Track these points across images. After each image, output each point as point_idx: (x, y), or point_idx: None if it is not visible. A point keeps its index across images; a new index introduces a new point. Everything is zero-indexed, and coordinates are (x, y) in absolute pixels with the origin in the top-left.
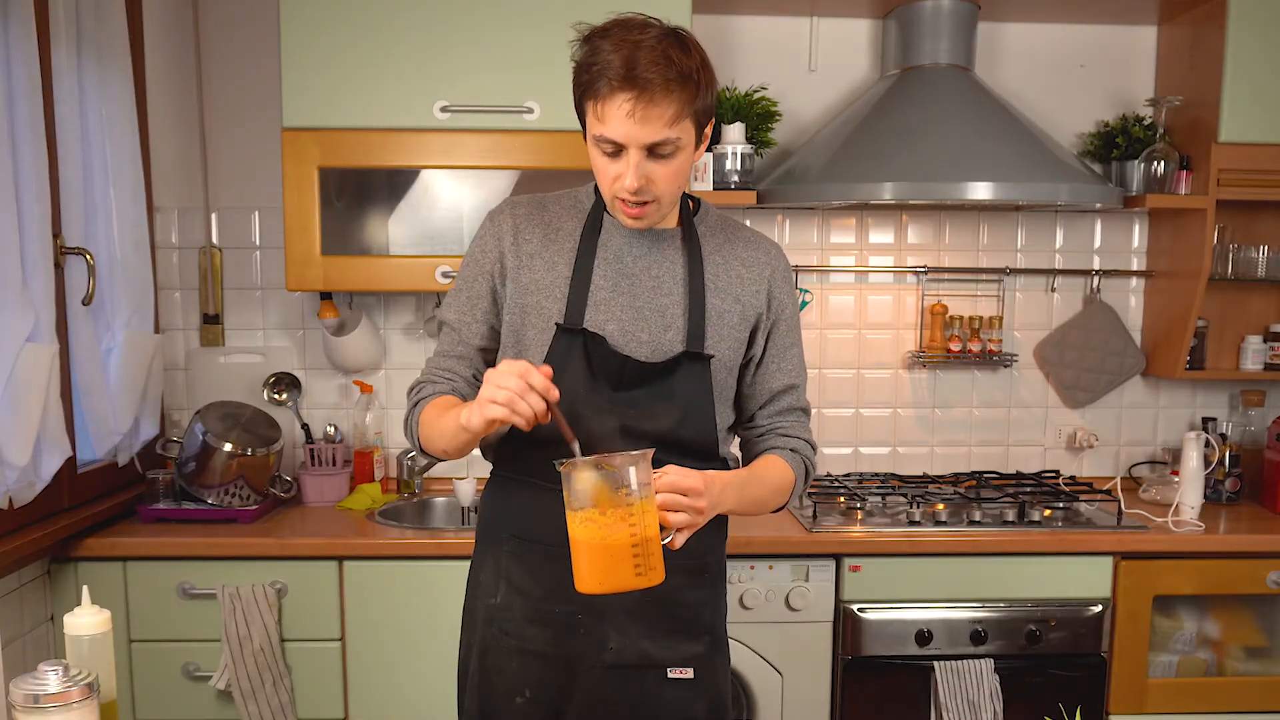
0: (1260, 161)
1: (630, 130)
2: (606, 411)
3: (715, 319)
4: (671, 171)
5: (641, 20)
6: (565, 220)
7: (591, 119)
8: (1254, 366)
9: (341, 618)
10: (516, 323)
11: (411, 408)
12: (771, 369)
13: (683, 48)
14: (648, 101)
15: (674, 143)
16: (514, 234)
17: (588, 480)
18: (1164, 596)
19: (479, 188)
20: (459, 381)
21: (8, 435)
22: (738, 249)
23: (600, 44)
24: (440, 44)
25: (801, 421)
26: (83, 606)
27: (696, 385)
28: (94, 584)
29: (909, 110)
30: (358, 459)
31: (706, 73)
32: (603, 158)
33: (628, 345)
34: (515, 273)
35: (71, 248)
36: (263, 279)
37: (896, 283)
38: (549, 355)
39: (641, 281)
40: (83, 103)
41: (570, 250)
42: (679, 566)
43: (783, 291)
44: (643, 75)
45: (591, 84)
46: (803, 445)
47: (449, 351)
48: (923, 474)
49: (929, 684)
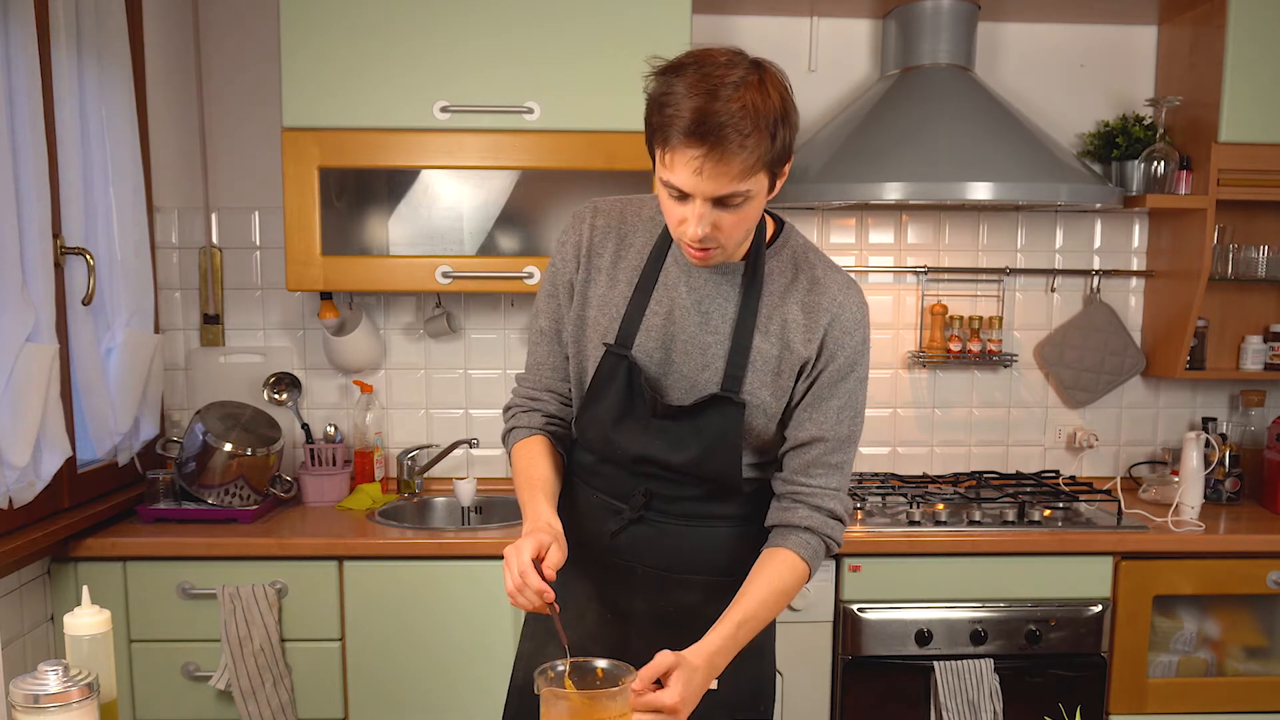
0: (1260, 161)
1: (698, 185)
2: (639, 435)
3: (759, 363)
4: (739, 219)
5: (725, 58)
6: (638, 236)
7: (659, 162)
8: (1254, 366)
9: (341, 618)
10: (577, 332)
11: (508, 432)
12: (802, 417)
13: (762, 92)
14: (718, 159)
15: (744, 194)
16: (590, 243)
17: (565, 712)
18: (1164, 596)
19: (479, 188)
20: (551, 404)
21: (8, 435)
22: (801, 292)
23: (674, 83)
24: (440, 44)
25: (830, 484)
26: (83, 606)
27: (725, 426)
28: (94, 584)
29: (909, 110)
30: (358, 459)
31: (788, 115)
32: (669, 200)
33: (665, 377)
34: (583, 285)
35: (71, 248)
36: (263, 279)
37: (896, 283)
38: (596, 372)
39: (690, 315)
40: (83, 103)
41: (635, 270)
42: (702, 582)
43: (836, 342)
44: (715, 130)
45: (660, 130)
46: (824, 523)
47: (542, 363)
48: (922, 474)
49: (929, 684)
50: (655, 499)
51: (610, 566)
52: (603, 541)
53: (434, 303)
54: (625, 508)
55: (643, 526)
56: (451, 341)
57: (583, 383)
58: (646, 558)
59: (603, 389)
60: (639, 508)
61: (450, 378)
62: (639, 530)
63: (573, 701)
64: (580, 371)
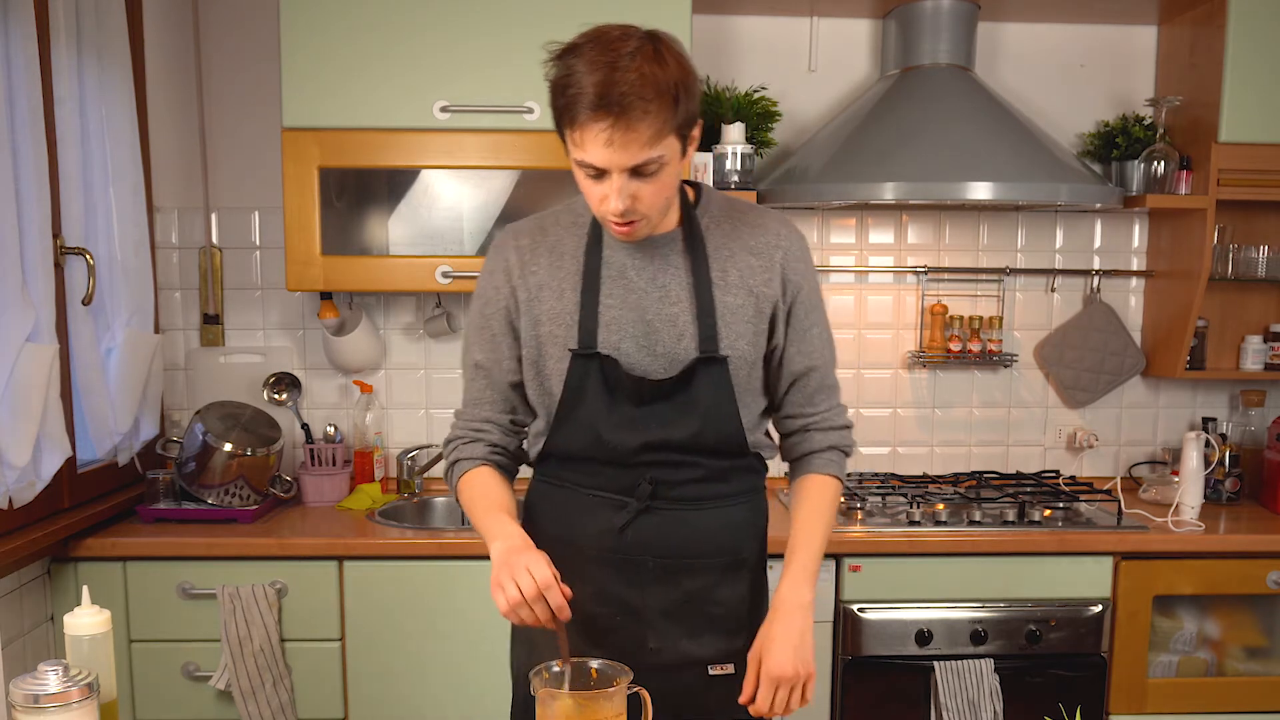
0: (1260, 161)
1: (610, 157)
2: (634, 426)
3: (728, 316)
4: (658, 187)
5: (618, 32)
6: (567, 240)
7: (571, 144)
8: (1254, 366)
9: (341, 618)
10: (534, 354)
11: (450, 466)
12: (792, 353)
13: (659, 60)
14: (625, 127)
15: (657, 160)
16: (520, 266)
17: (562, 712)
18: (1164, 596)
19: (479, 188)
20: (493, 433)
21: (8, 435)
22: (745, 236)
23: (574, 64)
24: (440, 44)
25: (833, 403)
26: (83, 606)
27: (716, 388)
28: (94, 584)
29: (909, 110)
30: (358, 459)
31: (687, 80)
32: (587, 180)
33: (644, 361)
34: (527, 305)
35: (71, 248)
36: (263, 279)
37: (896, 283)
38: (566, 381)
39: (649, 294)
40: (83, 103)
41: (576, 273)
42: (712, 565)
43: (797, 273)
44: (618, 100)
45: (567, 109)
46: (840, 436)
47: (480, 398)
48: (923, 474)
49: (929, 684)
50: (660, 485)
51: (617, 564)
52: (608, 540)
53: (434, 303)
54: (631, 500)
55: (650, 516)
56: (451, 341)
57: (550, 399)
58: (655, 548)
59: (579, 394)
60: (646, 497)
61: (450, 378)
62: (646, 521)
63: (569, 702)
64: (545, 392)
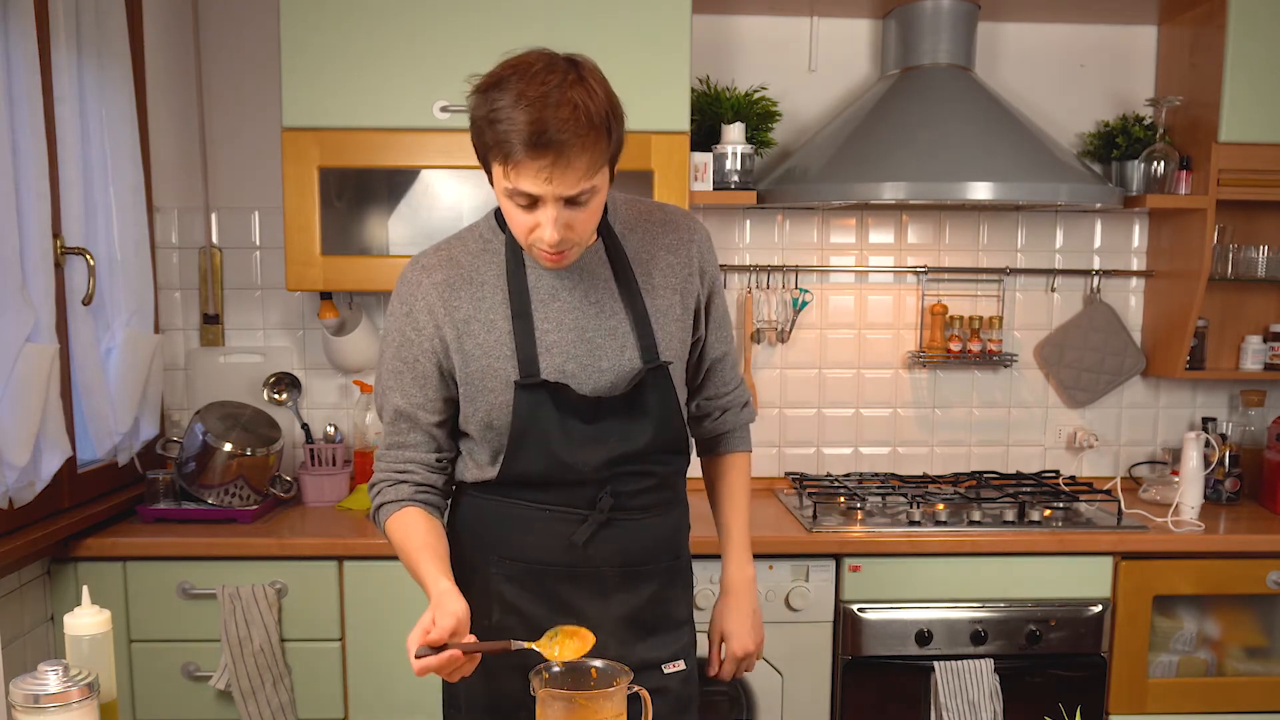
0: (1260, 161)
1: (548, 189)
2: (588, 448)
3: (661, 319)
4: (589, 215)
5: (541, 64)
6: (484, 268)
7: (499, 175)
8: (1254, 366)
9: (341, 618)
10: (472, 390)
11: (376, 510)
12: (712, 340)
13: (588, 90)
14: (565, 165)
15: (591, 189)
16: (442, 303)
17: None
18: (1164, 596)
19: (479, 187)
20: (418, 473)
21: (8, 435)
22: (658, 236)
23: (499, 98)
24: (440, 44)
25: (738, 380)
26: (83, 606)
27: (663, 393)
28: (94, 584)
29: (909, 110)
30: (358, 459)
31: (615, 107)
32: (517, 210)
33: (592, 379)
34: (457, 343)
35: (71, 248)
36: (263, 279)
37: (896, 283)
38: (515, 411)
39: (584, 311)
40: (83, 103)
41: (502, 303)
42: (660, 568)
43: (709, 262)
44: (555, 138)
45: (498, 146)
46: (749, 412)
47: (403, 442)
48: (923, 474)
49: (929, 684)
50: (620, 496)
51: (576, 577)
52: (569, 555)
53: None
54: (591, 513)
55: (609, 528)
56: None
57: (496, 433)
58: (614, 558)
59: (530, 422)
60: (607, 509)
61: None
62: (606, 533)
63: (569, 702)
64: (488, 426)
